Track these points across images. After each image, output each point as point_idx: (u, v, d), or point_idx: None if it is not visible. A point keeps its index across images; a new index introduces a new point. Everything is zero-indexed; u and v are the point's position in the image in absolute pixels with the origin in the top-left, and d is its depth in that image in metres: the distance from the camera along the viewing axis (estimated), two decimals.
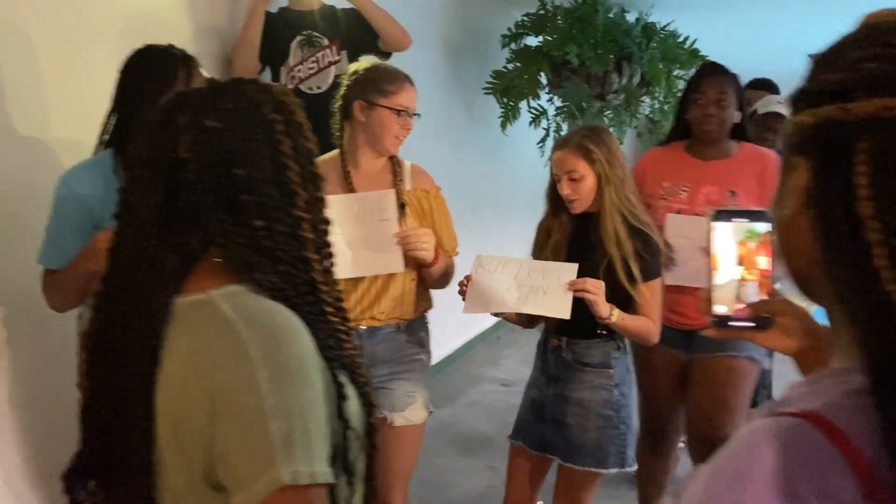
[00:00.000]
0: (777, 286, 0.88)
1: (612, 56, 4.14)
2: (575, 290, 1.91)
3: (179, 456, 0.84)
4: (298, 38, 2.60)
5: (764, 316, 0.88)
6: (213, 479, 0.82)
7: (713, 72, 2.43)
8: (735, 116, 2.37)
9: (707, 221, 0.87)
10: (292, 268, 0.88)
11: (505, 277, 2.02)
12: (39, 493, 1.93)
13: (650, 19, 4.50)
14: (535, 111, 4.55)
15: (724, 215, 0.87)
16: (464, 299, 2.02)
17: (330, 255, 0.92)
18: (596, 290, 1.90)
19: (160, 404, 0.86)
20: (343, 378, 0.90)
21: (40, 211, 1.67)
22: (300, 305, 0.88)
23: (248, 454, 0.78)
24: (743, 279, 0.87)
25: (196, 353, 0.84)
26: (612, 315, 1.93)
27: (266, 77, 2.60)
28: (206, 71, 1.74)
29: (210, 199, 0.86)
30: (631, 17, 4.46)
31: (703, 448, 2.41)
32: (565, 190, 2.00)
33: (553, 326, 2.12)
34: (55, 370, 1.88)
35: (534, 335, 2.26)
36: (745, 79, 2.64)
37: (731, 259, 0.87)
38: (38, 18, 1.92)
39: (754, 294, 0.87)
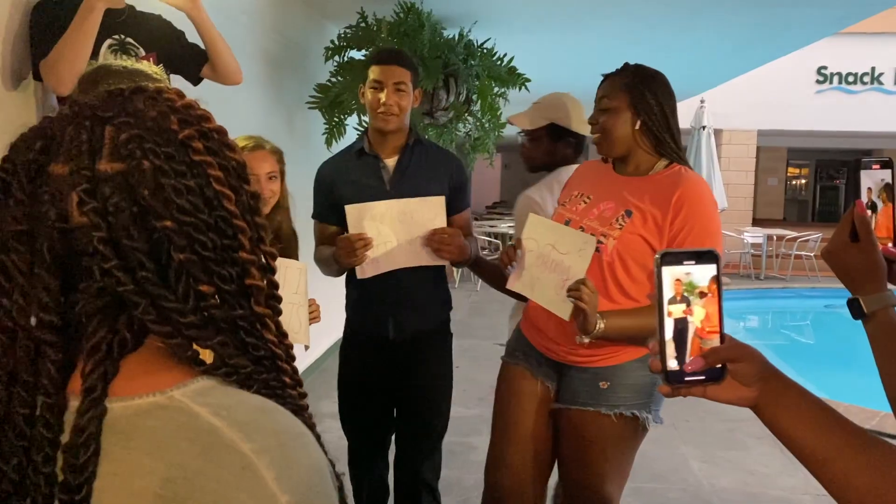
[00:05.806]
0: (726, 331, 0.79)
1: (441, 72, 4.11)
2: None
3: None
4: (109, 41, 2.13)
5: (716, 367, 0.78)
6: None
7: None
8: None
9: (655, 266, 0.77)
10: (251, 336, 0.62)
11: None
12: None
13: (469, 37, 4.55)
14: (361, 128, 4.42)
15: (671, 258, 0.77)
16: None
17: (279, 303, 0.66)
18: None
19: None
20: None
21: None
22: (276, 388, 0.63)
23: None
24: (693, 326, 0.78)
25: (171, 483, 0.55)
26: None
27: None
28: None
29: (133, 276, 0.57)
30: (448, 34, 4.48)
31: None
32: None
33: None
34: None
35: None
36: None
37: (681, 306, 0.77)
38: None
39: (706, 341, 0.77)
